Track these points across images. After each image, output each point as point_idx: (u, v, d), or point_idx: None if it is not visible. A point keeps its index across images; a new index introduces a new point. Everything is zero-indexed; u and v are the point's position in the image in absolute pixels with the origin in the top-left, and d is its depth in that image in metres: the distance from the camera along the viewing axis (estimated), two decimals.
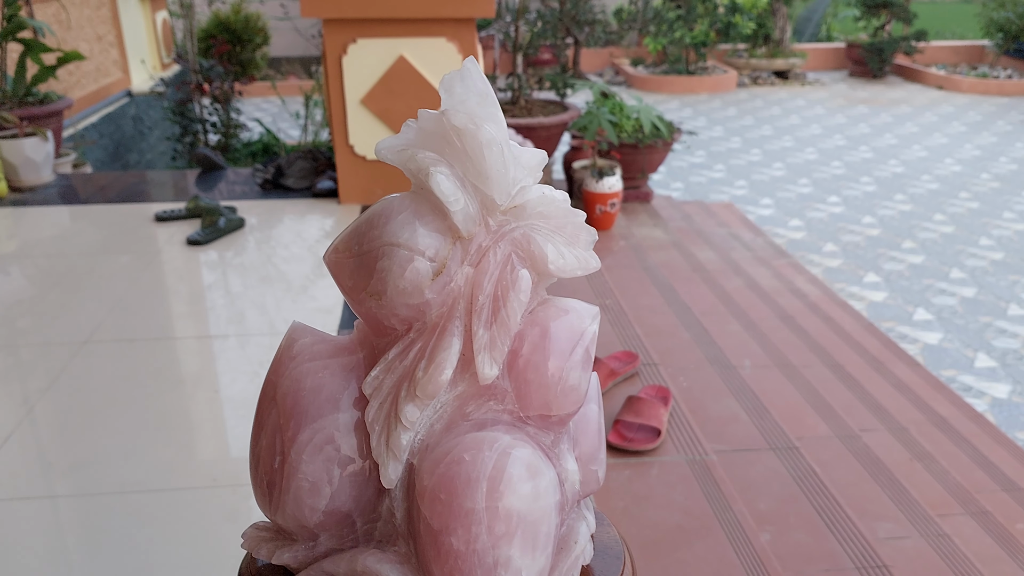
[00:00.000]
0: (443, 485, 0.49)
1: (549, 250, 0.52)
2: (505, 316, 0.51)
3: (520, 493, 0.48)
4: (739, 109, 8.79)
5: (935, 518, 2.07)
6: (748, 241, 4.46)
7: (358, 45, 3.00)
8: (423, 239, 0.51)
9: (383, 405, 0.52)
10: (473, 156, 0.51)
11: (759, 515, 1.82)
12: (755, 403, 2.32)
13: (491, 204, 0.52)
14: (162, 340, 2.23)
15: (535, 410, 0.53)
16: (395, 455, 0.52)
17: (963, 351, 3.71)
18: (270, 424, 0.57)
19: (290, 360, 0.57)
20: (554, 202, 0.54)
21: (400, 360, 0.52)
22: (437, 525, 0.48)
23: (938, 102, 9.11)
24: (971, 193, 5.89)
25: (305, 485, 0.54)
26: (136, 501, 1.57)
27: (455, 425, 0.52)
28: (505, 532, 0.48)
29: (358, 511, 0.55)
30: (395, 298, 0.51)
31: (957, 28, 13.72)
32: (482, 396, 0.53)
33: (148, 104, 5.97)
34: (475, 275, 0.52)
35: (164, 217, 3.09)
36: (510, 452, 0.49)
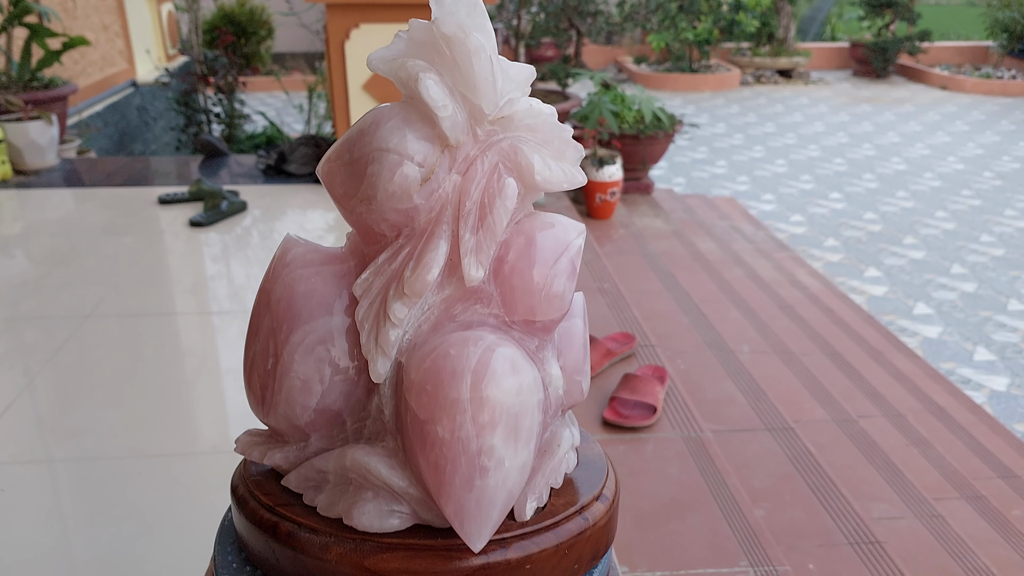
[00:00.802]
0: (429, 377, 0.50)
1: (536, 160, 0.54)
2: (492, 222, 0.52)
3: (503, 386, 0.50)
4: (742, 107, 8.80)
5: (930, 501, 2.08)
6: (749, 234, 4.47)
7: (361, 30, 3.02)
8: (412, 144, 0.52)
9: (372, 304, 0.54)
10: (462, 64, 0.52)
11: (753, 492, 1.83)
12: (752, 386, 2.33)
13: (479, 114, 0.54)
14: (164, 315, 2.25)
15: (520, 315, 0.54)
16: (384, 351, 0.53)
17: (962, 344, 3.71)
18: (264, 329, 0.58)
19: (283, 268, 0.59)
20: (541, 115, 0.55)
21: (389, 263, 0.54)
22: (423, 415, 0.50)
23: (941, 102, 9.11)
24: (973, 191, 5.89)
25: (297, 384, 0.56)
26: (136, 465, 1.59)
27: (442, 326, 0.53)
28: (488, 422, 0.49)
29: (348, 410, 0.57)
30: (384, 202, 0.53)
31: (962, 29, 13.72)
32: (468, 299, 0.54)
33: (153, 94, 5.99)
34: (462, 183, 0.53)
35: (167, 200, 3.11)
36: (494, 348, 0.50)
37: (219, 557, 0.60)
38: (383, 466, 0.53)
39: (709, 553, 1.50)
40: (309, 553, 0.53)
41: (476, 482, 0.49)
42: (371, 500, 0.53)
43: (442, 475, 0.49)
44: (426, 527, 0.54)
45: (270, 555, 0.56)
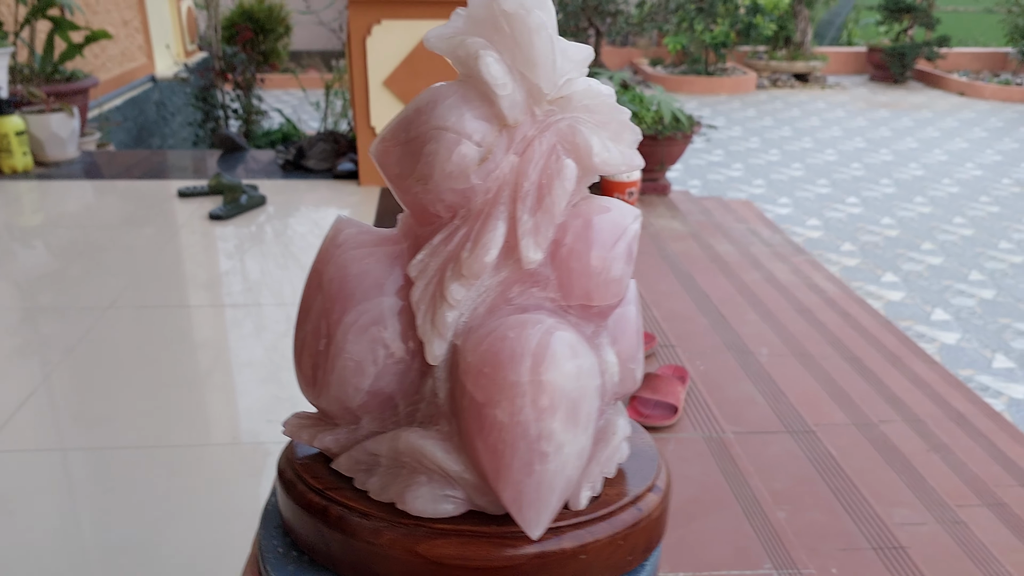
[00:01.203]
0: (488, 359, 0.49)
1: (594, 142, 0.53)
2: (550, 203, 0.52)
3: (563, 369, 0.49)
4: (758, 110, 8.77)
5: (952, 507, 2.06)
6: (766, 237, 4.44)
7: (382, 26, 3.02)
8: (470, 123, 0.51)
9: (428, 286, 0.53)
10: (521, 42, 0.51)
11: (775, 493, 1.82)
12: (772, 388, 2.32)
13: (537, 93, 0.53)
14: (184, 308, 2.26)
15: (576, 299, 0.53)
16: (440, 333, 0.52)
17: (981, 351, 3.68)
18: (315, 310, 0.57)
19: (335, 248, 0.58)
20: (600, 95, 0.54)
21: (445, 244, 0.53)
22: (481, 398, 0.49)
23: (960, 108, 9.05)
24: (992, 197, 5.85)
25: (350, 365, 0.55)
26: (157, 455, 1.59)
27: (498, 308, 0.53)
28: (549, 405, 0.48)
29: (400, 393, 0.56)
30: (441, 182, 0.52)
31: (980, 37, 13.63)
32: (525, 282, 0.53)
33: (171, 90, 6.02)
34: (520, 163, 0.53)
35: (187, 193, 3.12)
36: (554, 331, 0.50)
37: (264, 542, 0.59)
38: (439, 450, 0.52)
39: (732, 554, 1.49)
40: (360, 537, 0.53)
41: (535, 467, 0.48)
42: (425, 484, 0.53)
43: (500, 459, 0.49)
44: (480, 513, 0.53)
45: (319, 540, 0.55)
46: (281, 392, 1.81)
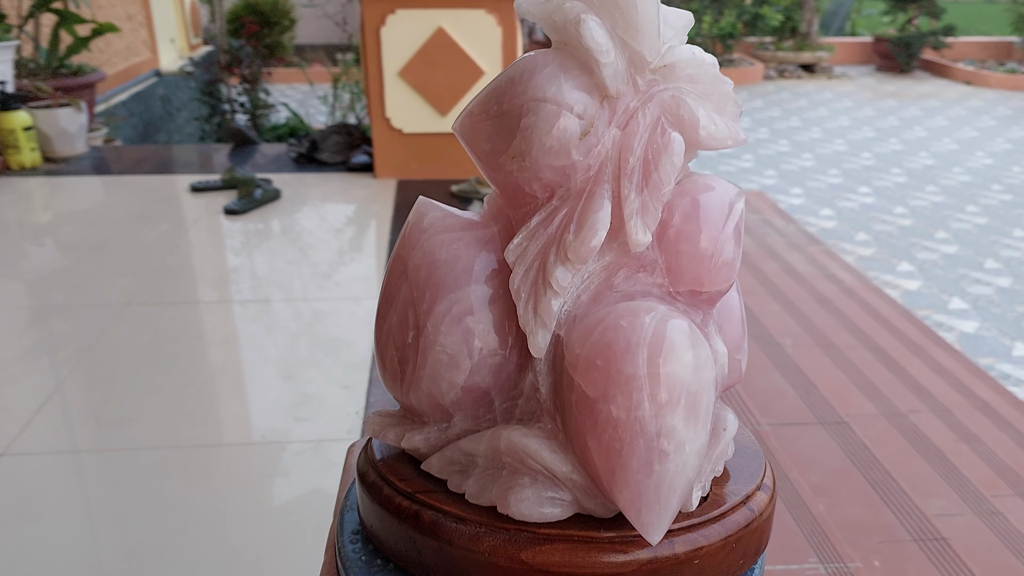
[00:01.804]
0: (600, 351, 0.45)
1: (700, 114, 0.49)
2: (657, 180, 0.47)
3: (682, 360, 0.45)
4: (766, 101, 8.71)
5: (987, 497, 2.02)
6: (781, 228, 4.40)
7: (397, 16, 2.97)
8: (571, 94, 0.47)
9: (528, 272, 0.49)
10: (624, 6, 0.47)
11: (812, 486, 1.78)
12: (801, 379, 2.29)
13: (640, 62, 0.49)
14: (203, 304, 2.22)
15: (686, 284, 0.49)
16: (544, 323, 0.48)
17: (1000, 340, 3.65)
18: (400, 300, 0.53)
19: (421, 233, 0.54)
20: (704, 64, 0.50)
21: (544, 227, 0.49)
22: (593, 393, 0.45)
23: (967, 97, 8.99)
24: (1003, 185, 5.80)
25: (443, 358, 0.51)
26: (183, 456, 1.55)
27: (603, 295, 0.48)
28: (668, 400, 0.44)
29: (497, 388, 0.52)
30: (540, 158, 0.48)
31: (983, 26, 13.55)
32: (631, 266, 0.49)
33: (176, 84, 5.97)
34: (623, 137, 0.48)
35: (200, 188, 3.08)
36: (668, 320, 0.46)
37: (343, 550, 0.56)
38: (545, 449, 0.48)
39: (777, 549, 1.46)
40: (457, 544, 0.49)
41: (655, 467, 0.44)
42: (529, 486, 0.49)
43: (616, 459, 0.45)
44: (587, 517, 0.49)
45: (409, 547, 0.51)
46: (304, 389, 1.78)
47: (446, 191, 3.12)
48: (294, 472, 1.50)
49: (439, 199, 0.56)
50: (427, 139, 3.19)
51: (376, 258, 2.54)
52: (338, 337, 2.01)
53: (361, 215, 2.98)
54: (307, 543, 1.30)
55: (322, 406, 1.69)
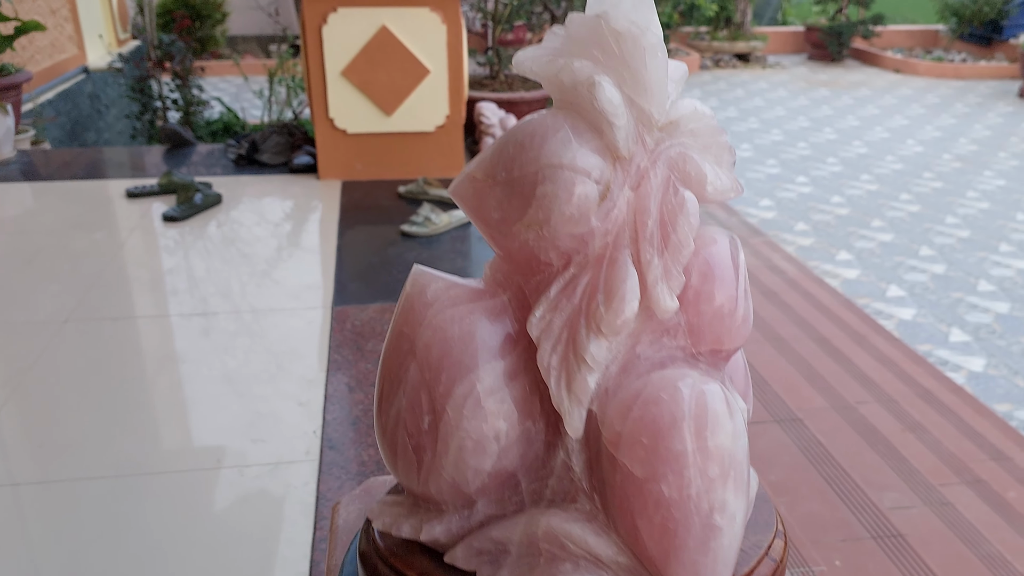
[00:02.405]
0: (644, 428, 0.43)
1: (708, 170, 0.48)
2: (677, 242, 0.46)
3: (727, 431, 0.44)
4: (703, 91, 8.82)
5: (936, 487, 2.08)
6: (723, 219, 4.46)
7: (338, 15, 2.90)
8: (586, 159, 0.45)
9: (557, 347, 0.46)
10: (633, 64, 0.45)
11: (772, 486, 1.81)
12: (754, 376, 2.32)
13: (648, 120, 0.47)
14: (146, 318, 2.14)
15: (708, 344, 0.48)
16: (580, 400, 0.46)
17: (937, 326, 3.76)
18: (410, 382, 0.50)
19: (427, 307, 0.50)
20: (704, 117, 0.49)
21: (567, 297, 0.46)
22: (641, 473, 0.43)
23: (896, 85, 9.25)
24: (934, 173, 5.99)
25: (468, 444, 0.48)
26: (134, 485, 1.49)
27: (632, 365, 0.47)
28: (719, 474, 0.43)
29: (524, 469, 0.49)
30: (559, 227, 0.46)
31: (910, 14, 13.96)
32: (655, 331, 0.48)
33: (105, 81, 5.75)
34: (637, 199, 0.47)
35: (136, 193, 2.97)
36: (704, 388, 0.44)
37: None
38: (589, 533, 0.46)
39: None
40: None
41: (711, 544, 0.43)
42: (571, 573, 0.46)
43: (672, 540, 0.43)
44: None
45: None
46: (257, 407, 1.72)
47: (393, 192, 3.07)
48: (254, 498, 1.45)
49: (386, 200, 0.53)
50: (372, 139, 3.14)
51: (323, 263, 2.49)
52: (290, 350, 1.96)
53: (306, 218, 2.91)
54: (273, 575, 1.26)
55: (277, 425, 1.64)
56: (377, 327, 2.10)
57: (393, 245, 2.62)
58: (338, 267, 2.44)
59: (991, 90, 9.00)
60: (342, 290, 2.30)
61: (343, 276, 2.39)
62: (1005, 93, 8.80)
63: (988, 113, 7.93)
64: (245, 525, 1.39)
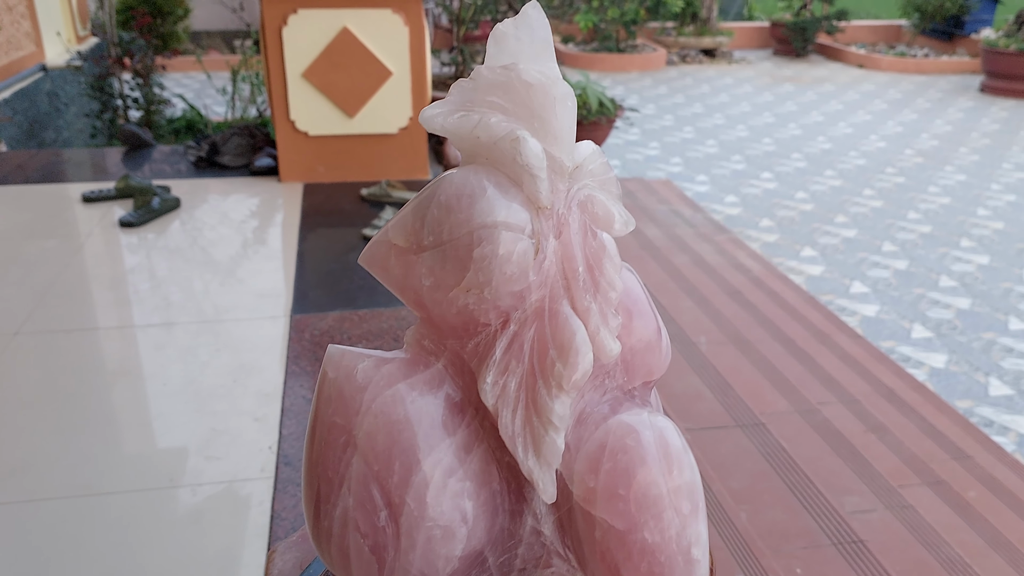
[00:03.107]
0: (618, 480, 0.42)
1: (613, 208, 0.47)
2: (606, 284, 0.45)
3: (688, 464, 0.44)
4: (670, 87, 8.85)
5: (897, 489, 2.10)
6: (688, 217, 4.48)
7: (299, 16, 2.86)
8: (518, 215, 0.44)
9: (517, 412, 0.44)
10: (544, 115, 0.44)
11: (734, 493, 1.81)
12: (717, 379, 2.32)
13: (560, 167, 0.46)
14: (99, 330, 2.09)
15: (641, 378, 0.48)
16: (550, 464, 0.44)
17: (900, 322, 3.81)
18: (356, 477, 0.46)
19: (360, 392, 0.47)
20: (600, 157, 0.49)
21: (515, 358, 0.45)
22: (622, 525, 0.42)
23: (860, 80, 9.35)
24: (897, 168, 6.06)
25: (437, 533, 0.45)
26: (86, 506, 1.45)
27: (585, 415, 0.46)
28: (691, 508, 0.43)
29: (491, 544, 0.47)
30: (500, 287, 0.44)
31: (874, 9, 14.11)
32: (596, 376, 0.47)
33: (64, 79, 5.63)
34: (561, 247, 0.46)
35: (92, 198, 2.90)
36: (660, 426, 0.44)
37: None
38: None
39: None
40: None
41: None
42: None
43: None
44: None
45: None
46: (213, 423, 1.69)
47: (356, 194, 3.03)
48: (207, 517, 1.42)
49: (349, 203, 0.51)
50: (334, 141, 3.10)
51: (285, 270, 2.45)
52: (247, 362, 1.92)
53: (267, 223, 2.87)
54: None
55: (233, 442, 1.61)
56: (336, 336, 2.07)
57: (355, 249, 2.59)
58: (298, 274, 2.41)
59: (952, 85, 9.13)
60: (302, 298, 2.27)
61: (303, 283, 2.35)
62: (966, 88, 8.93)
63: (949, 108, 8.04)
64: (197, 547, 1.36)
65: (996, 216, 5.11)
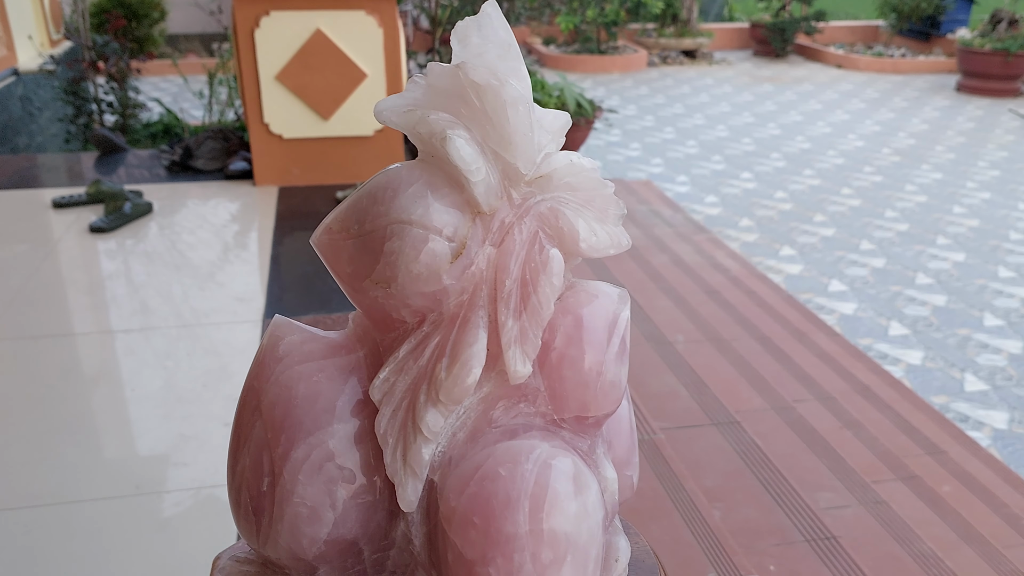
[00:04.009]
0: (477, 507, 0.41)
1: (581, 226, 0.45)
2: (537, 303, 0.43)
3: (567, 512, 0.42)
4: (650, 88, 8.87)
5: (871, 485, 2.11)
6: (668, 217, 4.49)
7: (271, 18, 2.84)
8: (439, 215, 0.43)
9: (396, 413, 0.44)
10: (495, 118, 0.43)
11: (707, 491, 1.81)
12: (693, 378, 2.32)
13: (514, 174, 0.45)
14: (68, 336, 2.06)
15: (571, 411, 0.46)
16: (414, 472, 0.43)
17: (877, 320, 3.83)
18: (254, 440, 0.48)
19: (276, 362, 0.48)
20: (583, 171, 0.47)
21: (414, 359, 0.44)
22: (471, 555, 0.41)
23: (838, 80, 9.41)
24: (874, 167, 6.10)
25: (303, 511, 0.46)
26: (51, 515, 1.43)
27: (481, 433, 0.44)
28: (553, 559, 0.41)
29: (366, 538, 0.47)
30: (407, 285, 0.43)
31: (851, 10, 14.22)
32: (511, 398, 0.45)
33: (37, 83, 5.57)
34: (498, 256, 0.44)
35: (63, 203, 2.87)
36: (551, 463, 0.42)
37: None
38: None
39: (676, 566, 1.47)
40: None
41: None
42: None
43: None
44: None
45: None
46: (182, 429, 1.67)
47: (331, 197, 3.02)
48: (173, 525, 1.41)
49: (324, 205, 0.50)
50: (309, 144, 3.08)
51: (259, 274, 2.43)
52: (219, 367, 1.91)
53: (241, 226, 2.85)
54: None
55: (201, 448, 1.59)
56: None
57: None
58: (272, 277, 2.39)
59: (929, 84, 9.21)
60: (276, 301, 2.25)
61: (277, 287, 2.34)
62: (942, 87, 9.01)
63: (925, 107, 8.11)
64: (163, 555, 1.35)
65: (971, 213, 5.16)
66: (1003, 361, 3.42)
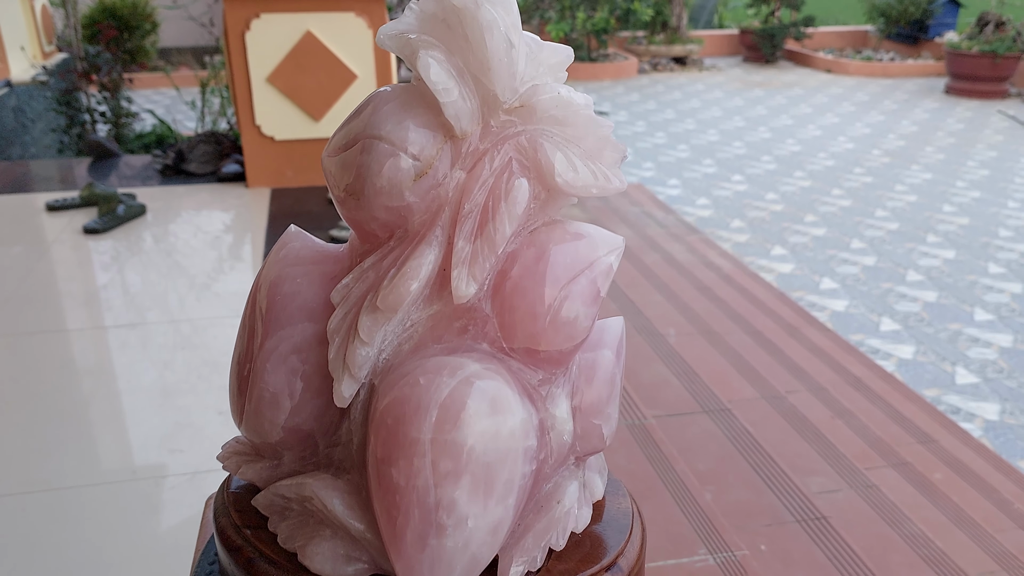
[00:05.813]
0: (392, 409, 0.43)
1: (558, 159, 0.46)
2: (492, 229, 0.45)
3: (475, 428, 0.42)
4: (641, 94, 8.93)
5: (862, 470, 2.12)
6: (660, 219, 4.52)
7: (262, 20, 2.87)
8: (407, 132, 0.44)
9: (347, 315, 0.46)
10: (473, 42, 0.44)
11: (699, 475, 1.82)
12: (684, 368, 2.34)
13: (494, 101, 0.46)
14: (63, 332, 2.08)
15: (520, 342, 0.47)
16: (351, 372, 0.45)
17: (868, 316, 3.85)
18: (247, 328, 0.52)
19: (275, 263, 0.52)
20: (572, 105, 0.47)
21: (374, 269, 0.46)
22: (381, 453, 0.42)
23: (828, 84, 9.48)
24: (865, 168, 6.14)
25: (266, 396, 0.49)
26: (48, 499, 1.44)
27: (424, 347, 0.46)
28: (451, 471, 0.42)
29: (320, 432, 0.50)
30: (372, 199, 0.45)
31: (840, 15, 14.33)
32: (460, 319, 0.46)
33: (30, 94, 5.59)
34: (466, 181, 0.46)
35: (56, 206, 2.89)
36: (473, 381, 0.43)
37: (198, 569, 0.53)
38: (340, 504, 0.45)
39: (667, 543, 1.48)
40: None
41: (431, 541, 0.42)
42: (328, 539, 0.46)
43: (393, 526, 0.42)
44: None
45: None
46: (177, 417, 1.68)
47: (323, 198, 3.04)
48: (169, 508, 1.42)
49: (316, 206, 0.53)
50: (301, 145, 3.10)
51: (251, 272, 2.45)
52: (212, 360, 1.92)
53: (234, 227, 2.86)
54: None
55: (197, 435, 1.60)
56: None
57: None
58: None
59: (918, 87, 9.28)
60: None
61: None
62: (931, 90, 9.08)
63: (915, 109, 8.17)
64: (160, 537, 1.36)
65: (961, 212, 5.19)
66: (994, 354, 3.45)
